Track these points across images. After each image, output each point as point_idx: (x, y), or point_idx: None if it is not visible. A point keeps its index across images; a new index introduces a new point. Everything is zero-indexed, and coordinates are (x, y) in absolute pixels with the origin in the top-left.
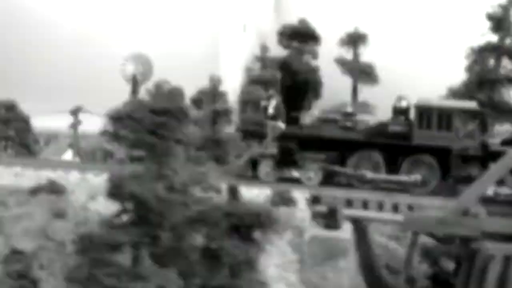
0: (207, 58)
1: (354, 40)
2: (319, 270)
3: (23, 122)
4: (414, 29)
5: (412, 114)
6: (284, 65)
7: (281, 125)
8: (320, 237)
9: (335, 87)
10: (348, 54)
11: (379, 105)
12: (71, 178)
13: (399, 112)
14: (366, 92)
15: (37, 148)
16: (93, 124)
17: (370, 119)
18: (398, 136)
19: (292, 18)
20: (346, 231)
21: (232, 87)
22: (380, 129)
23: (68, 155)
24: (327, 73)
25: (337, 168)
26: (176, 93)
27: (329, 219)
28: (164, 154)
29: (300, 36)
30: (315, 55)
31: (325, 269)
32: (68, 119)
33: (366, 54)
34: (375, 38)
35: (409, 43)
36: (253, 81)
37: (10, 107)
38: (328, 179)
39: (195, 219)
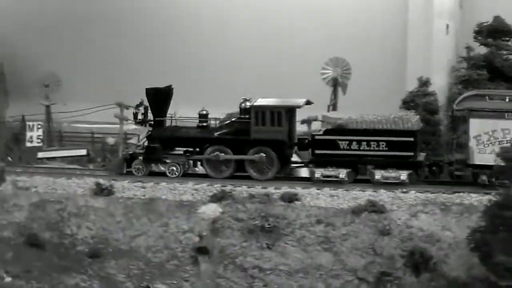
0: (413, 58)
1: None
2: None
3: None
4: None
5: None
6: (486, 63)
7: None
8: None
9: None
10: None
11: None
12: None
13: (244, 111)
14: None
15: None
16: None
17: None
18: (240, 132)
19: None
20: None
21: (438, 87)
22: (227, 127)
23: None
24: None
25: (196, 156)
26: None
27: None
28: None
29: (497, 32)
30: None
31: None
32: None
33: None
34: None
35: None
36: (461, 81)
37: None
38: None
39: None
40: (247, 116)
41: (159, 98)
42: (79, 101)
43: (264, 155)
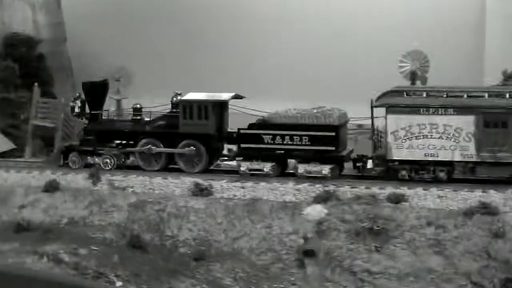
0: (491, 51)
1: None
2: None
3: None
4: None
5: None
6: None
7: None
8: None
9: None
10: None
11: None
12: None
13: (174, 105)
14: None
15: None
16: None
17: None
18: (171, 126)
19: None
20: None
21: None
22: (158, 121)
23: None
24: None
25: (128, 149)
26: None
27: None
28: None
29: None
30: None
31: None
32: None
33: None
34: None
35: None
36: None
37: None
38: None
39: None
40: (177, 110)
41: (95, 91)
42: (153, 96)
43: (194, 148)
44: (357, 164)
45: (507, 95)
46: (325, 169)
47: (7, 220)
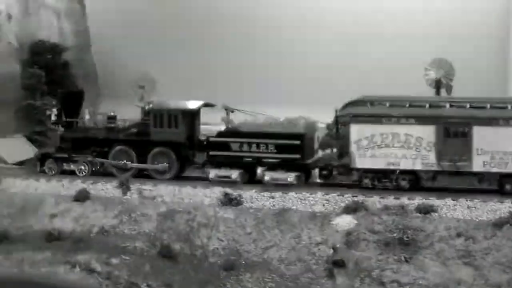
0: None
1: None
2: None
3: None
4: None
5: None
6: None
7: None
8: None
9: None
10: None
11: None
12: None
13: (146, 113)
14: None
15: None
16: None
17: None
18: (142, 133)
19: None
20: None
21: None
22: (130, 128)
23: None
24: None
25: (103, 160)
26: None
27: None
28: None
29: None
30: None
31: None
32: None
33: None
34: None
35: None
36: None
37: None
38: (98, 170)
39: None
40: (148, 118)
41: (70, 100)
42: None
43: (167, 164)
44: (323, 172)
45: (468, 106)
46: (291, 177)
47: (38, 229)
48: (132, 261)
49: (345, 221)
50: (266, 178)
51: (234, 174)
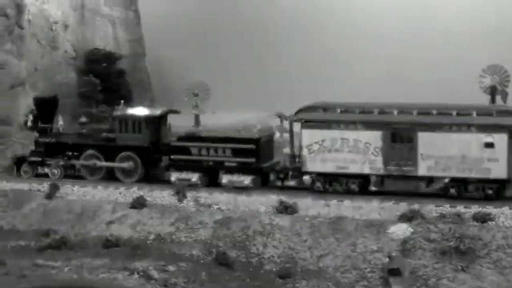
0: None
1: None
2: None
3: None
4: None
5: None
6: None
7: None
8: None
9: None
10: None
11: None
12: None
13: (113, 119)
14: None
15: None
16: None
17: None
18: (110, 139)
19: None
20: None
21: None
22: (99, 134)
23: None
24: None
25: (74, 161)
26: None
27: None
28: None
29: None
30: None
31: None
32: None
33: None
34: None
35: None
36: None
37: None
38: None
39: None
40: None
41: (45, 107)
42: (228, 110)
43: (133, 163)
44: (279, 176)
45: (414, 112)
46: (247, 180)
47: (96, 235)
48: (189, 268)
49: (401, 230)
50: (224, 181)
51: (194, 177)
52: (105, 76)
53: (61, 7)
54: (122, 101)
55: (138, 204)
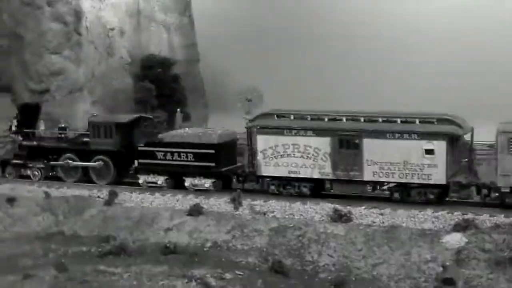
0: None
1: None
2: None
3: None
4: None
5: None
6: None
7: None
8: None
9: None
10: None
11: None
12: None
13: (88, 125)
14: None
15: None
16: None
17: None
18: (85, 143)
19: None
20: None
21: None
22: (76, 139)
23: None
24: None
25: (52, 162)
26: None
27: None
28: None
29: None
30: None
31: None
32: None
33: None
34: None
35: None
36: None
37: None
38: (50, 172)
39: None
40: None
41: (28, 112)
42: None
43: (102, 163)
44: (240, 179)
45: (362, 119)
46: (208, 183)
47: (154, 242)
48: (245, 276)
49: (455, 239)
50: (186, 184)
51: (160, 180)
52: (160, 82)
53: (117, 13)
54: (178, 109)
55: (195, 211)
